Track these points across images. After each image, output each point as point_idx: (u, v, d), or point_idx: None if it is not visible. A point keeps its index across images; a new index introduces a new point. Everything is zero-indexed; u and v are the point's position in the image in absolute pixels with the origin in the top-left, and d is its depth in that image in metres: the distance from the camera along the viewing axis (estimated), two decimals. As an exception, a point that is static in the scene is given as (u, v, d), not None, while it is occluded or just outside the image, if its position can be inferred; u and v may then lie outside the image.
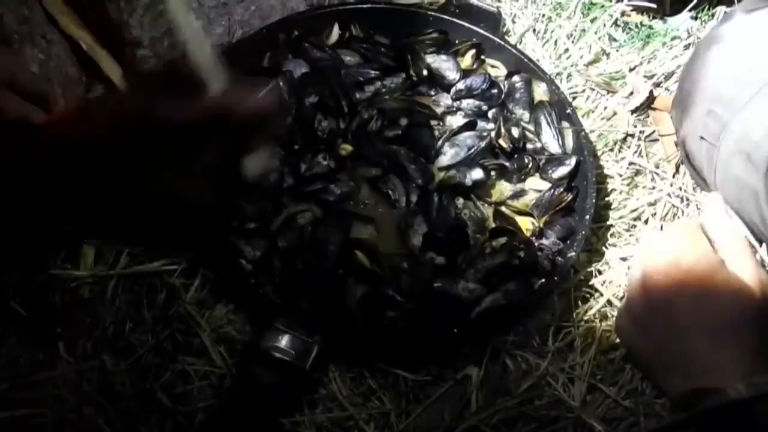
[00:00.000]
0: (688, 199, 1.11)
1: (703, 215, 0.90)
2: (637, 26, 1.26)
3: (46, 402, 0.89)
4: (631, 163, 1.14)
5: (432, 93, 1.14)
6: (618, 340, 0.95)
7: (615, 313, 0.98)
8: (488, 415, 0.92)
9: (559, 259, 0.99)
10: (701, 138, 0.99)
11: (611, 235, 1.08)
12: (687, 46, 1.24)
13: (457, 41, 1.15)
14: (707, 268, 0.81)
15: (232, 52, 1.10)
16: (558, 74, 1.21)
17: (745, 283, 0.81)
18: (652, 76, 1.21)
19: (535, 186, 1.07)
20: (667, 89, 1.21)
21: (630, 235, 1.08)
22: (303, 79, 1.10)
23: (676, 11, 1.27)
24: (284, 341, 0.87)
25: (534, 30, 1.25)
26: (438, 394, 0.94)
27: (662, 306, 0.79)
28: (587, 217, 1.00)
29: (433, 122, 1.10)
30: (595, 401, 0.94)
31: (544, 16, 1.25)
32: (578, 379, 0.95)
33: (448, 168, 1.06)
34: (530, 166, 1.07)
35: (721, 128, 0.95)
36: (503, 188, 1.08)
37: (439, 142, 1.07)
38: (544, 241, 1.02)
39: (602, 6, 1.26)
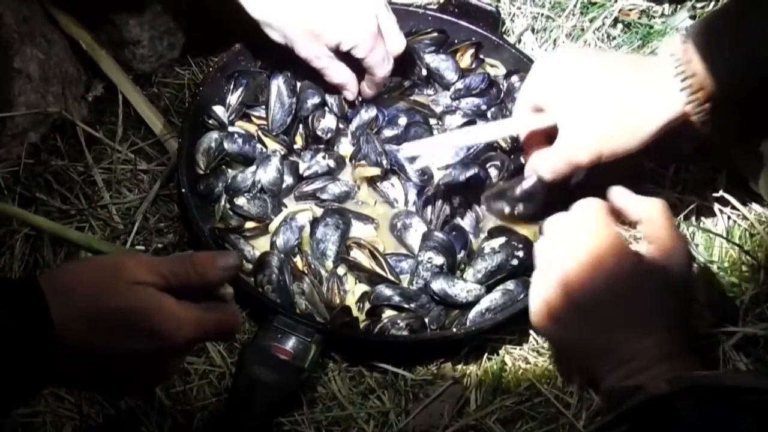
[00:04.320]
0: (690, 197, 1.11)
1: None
2: (635, 25, 1.26)
3: (45, 401, 0.89)
4: (629, 162, 1.14)
5: (431, 92, 1.14)
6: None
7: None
8: (487, 414, 0.92)
9: (558, 258, 0.99)
10: None
11: (610, 234, 1.08)
12: (686, 45, 1.24)
13: (456, 40, 1.15)
14: (622, 258, 0.80)
15: (232, 53, 1.10)
16: (557, 73, 1.20)
17: (663, 262, 0.80)
18: (651, 75, 1.21)
19: (534, 185, 1.07)
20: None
21: (629, 235, 1.07)
22: (303, 79, 1.10)
23: (674, 10, 1.27)
24: (283, 340, 0.88)
25: (533, 29, 1.25)
26: (437, 392, 0.94)
27: (583, 302, 0.79)
28: (586, 216, 1.00)
29: (432, 121, 1.11)
30: (592, 398, 0.94)
31: (543, 15, 1.25)
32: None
33: (446, 167, 1.06)
34: (529, 165, 1.07)
35: None
36: (502, 187, 1.08)
37: (438, 142, 1.07)
38: (543, 241, 1.03)
39: (601, 5, 1.26)
